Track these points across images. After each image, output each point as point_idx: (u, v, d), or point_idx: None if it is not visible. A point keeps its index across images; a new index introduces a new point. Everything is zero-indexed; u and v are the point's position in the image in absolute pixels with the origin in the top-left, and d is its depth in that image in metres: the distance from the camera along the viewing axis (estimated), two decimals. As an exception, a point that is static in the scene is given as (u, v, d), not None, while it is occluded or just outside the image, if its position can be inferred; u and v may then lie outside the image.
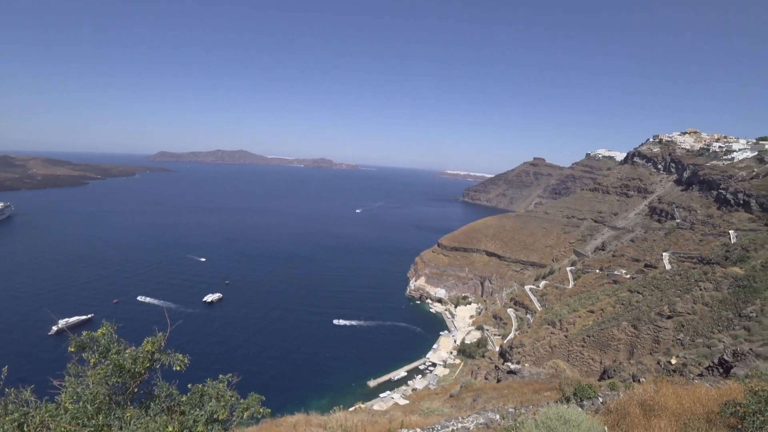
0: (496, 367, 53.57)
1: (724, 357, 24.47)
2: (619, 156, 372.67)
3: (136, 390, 8.26)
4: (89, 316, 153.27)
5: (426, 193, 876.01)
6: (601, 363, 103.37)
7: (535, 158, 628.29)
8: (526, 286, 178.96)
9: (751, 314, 78.73)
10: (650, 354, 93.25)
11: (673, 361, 48.58)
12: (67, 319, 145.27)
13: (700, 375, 25.08)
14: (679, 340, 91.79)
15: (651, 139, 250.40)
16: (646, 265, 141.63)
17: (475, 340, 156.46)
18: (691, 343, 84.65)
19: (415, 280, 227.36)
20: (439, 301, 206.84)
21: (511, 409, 15.92)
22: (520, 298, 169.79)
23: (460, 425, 14.54)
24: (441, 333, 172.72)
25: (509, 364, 50.84)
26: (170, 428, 7.54)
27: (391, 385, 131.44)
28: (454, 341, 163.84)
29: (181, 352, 9.05)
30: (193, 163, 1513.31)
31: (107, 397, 7.69)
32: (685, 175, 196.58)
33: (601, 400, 14.78)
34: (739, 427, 8.50)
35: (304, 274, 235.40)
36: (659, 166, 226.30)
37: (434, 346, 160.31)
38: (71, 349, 8.20)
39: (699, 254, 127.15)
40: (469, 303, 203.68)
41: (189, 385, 9.10)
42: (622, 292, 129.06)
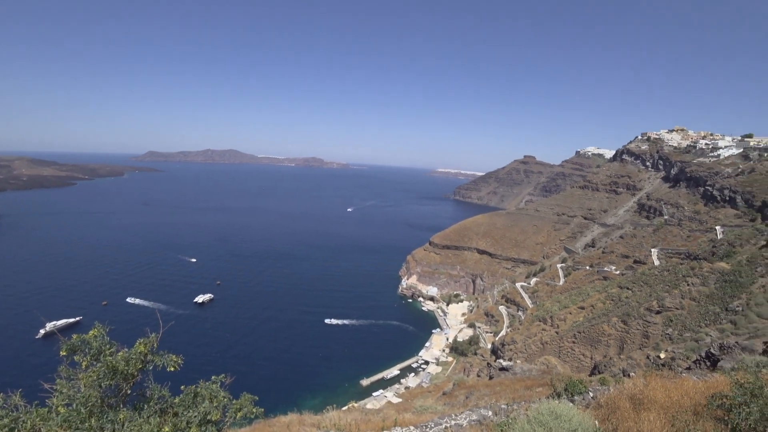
0: (488, 364, 53.97)
1: (711, 350, 24.92)
2: (609, 153, 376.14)
3: (128, 392, 8.20)
4: (78, 318, 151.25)
5: (417, 192, 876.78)
6: (591, 358, 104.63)
7: (525, 156, 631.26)
8: (517, 284, 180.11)
9: (737, 308, 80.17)
10: (640, 349, 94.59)
11: (662, 356, 49.34)
12: (54, 322, 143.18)
13: (688, 368, 25.53)
14: (668, 334, 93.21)
15: (639, 137, 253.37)
16: (636, 261, 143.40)
17: (468, 338, 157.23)
18: (679, 338, 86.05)
19: (407, 279, 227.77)
20: (431, 299, 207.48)
21: (503, 406, 16.05)
22: (512, 296, 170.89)
23: (453, 422, 14.64)
24: (433, 331, 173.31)
25: (501, 361, 51.23)
26: (164, 430, 7.50)
27: (384, 384, 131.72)
28: (447, 339, 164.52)
29: (174, 353, 9.00)
30: (183, 163, 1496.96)
31: (100, 400, 7.62)
32: (673, 172, 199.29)
33: (591, 395, 14.98)
34: (726, 418, 8.68)
35: (296, 273, 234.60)
36: (647, 164, 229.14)
37: (427, 344, 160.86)
38: (62, 353, 8.10)
39: (686, 250, 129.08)
40: (461, 301, 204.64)
41: (182, 387, 9.06)
42: (612, 288, 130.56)
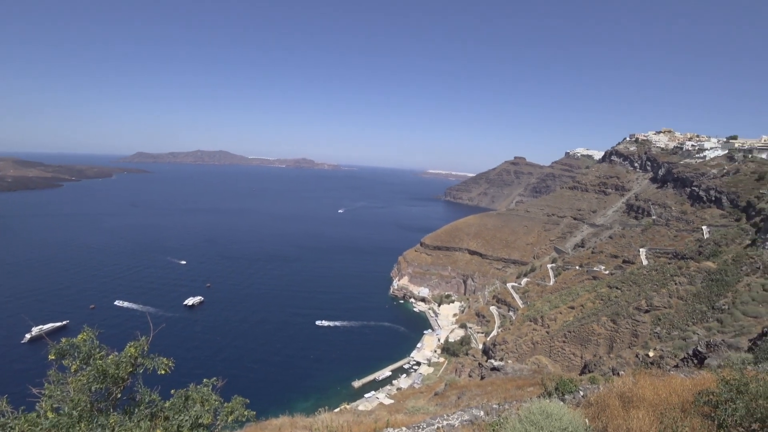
0: (479, 364, 54.17)
1: (698, 348, 25.30)
2: (598, 155, 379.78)
3: (119, 396, 8.08)
4: (64, 322, 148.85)
5: (408, 193, 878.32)
6: (581, 358, 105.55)
7: (515, 157, 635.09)
8: (508, 284, 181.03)
9: (723, 307, 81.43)
10: (629, 348, 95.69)
11: (651, 354, 49.94)
12: (41, 326, 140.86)
13: (676, 366, 25.88)
14: (656, 333, 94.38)
15: (627, 138, 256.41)
16: (624, 261, 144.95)
17: (459, 338, 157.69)
18: (667, 336, 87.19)
19: (399, 280, 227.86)
20: (423, 300, 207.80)
21: (495, 406, 16.12)
22: (503, 296, 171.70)
23: (445, 423, 14.66)
24: (425, 332, 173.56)
25: (492, 361, 51.47)
26: (156, 433, 7.42)
27: (376, 385, 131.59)
28: (438, 340, 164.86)
29: (165, 357, 8.90)
30: (172, 164, 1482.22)
31: (89, 404, 7.50)
32: (660, 173, 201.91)
33: (582, 393, 15.11)
34: (713, 415, 8.82)
35: (287, 275, 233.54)
36: (636, 165, 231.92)
37: (418, 345, 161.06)
38: (51, 356, 7.96)
39: (674, 250, 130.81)
40: (453, 301, 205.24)
41: (172, 391, 8.96)
42: (602, 287, 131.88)
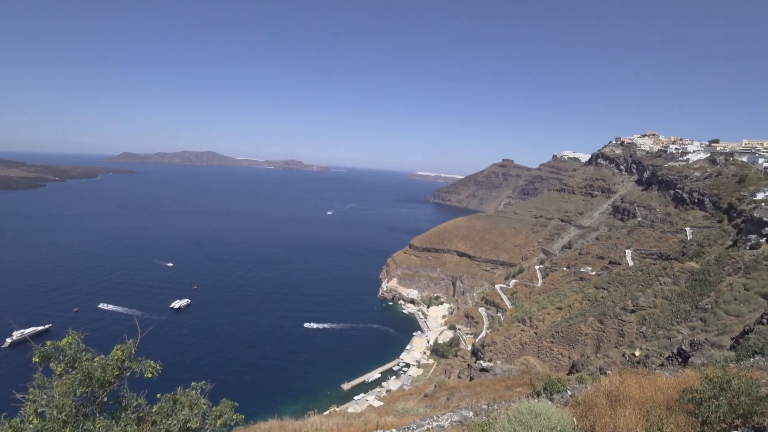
0: (468, 365, 54.44)
1: (683, 347, 25.74)
2: (584, 157, 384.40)
3: (105, 400, 7.94)
4: (47, 326, 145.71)
5: (397, 194, 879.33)
6: (569, 358, 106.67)
7: (504, 160, 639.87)
8: (496, 285, 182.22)
9: (706, 306, 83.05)
10: (615, 347, 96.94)
11: (637, 353, 50.69)
12: (22, 330, 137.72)
13: (662, 365, 26.29)
14: (642, 332, 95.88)
15: (613, 141, 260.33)
16: (611, 262, 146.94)
17: (448, 340, 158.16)
18: (653, 336, 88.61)
19: (388, 282, 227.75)
20: (412, 301, 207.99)
21: (484, 406, 16.20)
22: (491, 297, 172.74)
23: (435, 424, 14.68)
24: (414, 333, 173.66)
25: (482, 362, 51.71)
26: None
27: (366, 387, 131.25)
28: (427, 341, 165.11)
29: (152, 360, 8.78)
30: (159, 165, 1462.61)
31: (75, 409, 7.35)
32: (645, 175, 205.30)
33: (570, 393, 15.28)
34: (697, 412, 9.00)
35: (275, 277, 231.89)
36: (621, 167, 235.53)
37: (408, 347, 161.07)
38: (35, 359, 7.79)
39: (659, 251, 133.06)
40: (442, 303, 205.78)
41: (159, 395, 8.84)
42: (588, 288, 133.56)
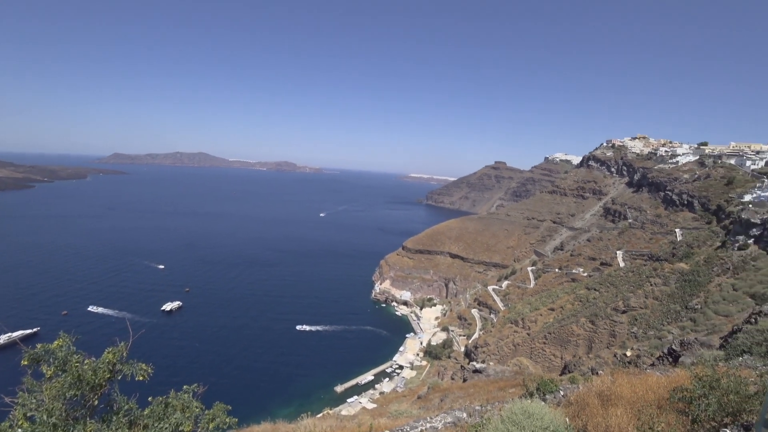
0: (462, 367, 54.55)
1: (673, 347, 26.02)
2: (576, 160, 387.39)
3: (96, 403, 7.83)
4: (35, 330, 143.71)
5: (390, 196, 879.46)
6: (562, 358, 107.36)
7: (496, 162, 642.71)
8: (489, 287, 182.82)
9: (696, 306, 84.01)
10: (607, 347, 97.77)
11: (628, 354, 51.15)
12: (9, 334, 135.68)
13: (652, 365, 26.55)
14: (633, 333, 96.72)
15: (604, 144, 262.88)
16: (602, 264, 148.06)
17: (441, 342, 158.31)
18: (643, 336, 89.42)
19: (380, 283, 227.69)
20: (405, 303, 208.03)
21: (477, 407, 16.26)
22: (484, 299, 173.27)
23: (428, 425, 14.70)
24: (407, 335, 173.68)
25: (475, 363, 51.85)
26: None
27: (359, 390, 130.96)
28: (421, 343, 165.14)
29: (143, 362, 8.69)
30: (150, 166, 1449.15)
31: (65, 412, 7.24)
32: (636, 177, 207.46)
33: (562, 393, 15.38)
34: (687, 410, 9.11)
35: (267, 279, 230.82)
36: (612, 169, 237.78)
37: (401, 349, 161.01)
38: (24, 362, 7.67)
39: (649, 252, 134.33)
40: (434, 305, 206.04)
41: (150, 398, 8.76)
42: (580, 289, 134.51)
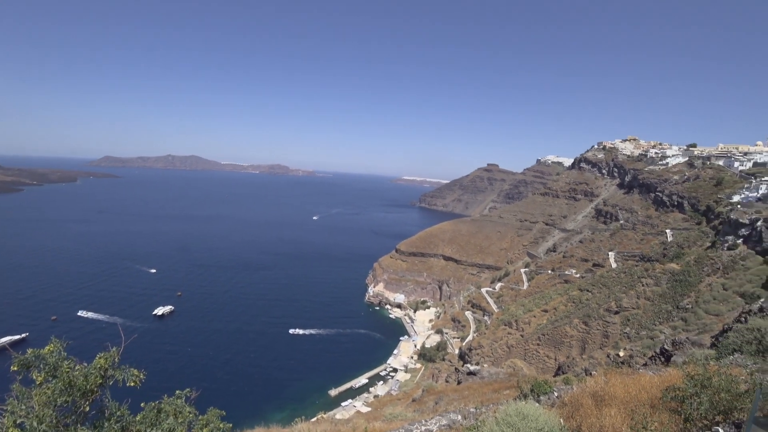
0: (456, 369, 54.57)
1: (665, 347, 26.24)
2: (567, 162, 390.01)
3: (87, 410, 7.69)
4: (23, 335, 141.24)
5: (383, 199, 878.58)
6: (555, 359, 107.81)
7: (488, 164, 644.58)
8: (482, 289, 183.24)
9: (687, 306, 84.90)
10: (600, 348, 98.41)
11: (621, 354, 51.46)
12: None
13: (645, 365, 26.73)
14: (626, 333, 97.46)
15: (596, 146, 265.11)
16: (594, 265, 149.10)
17: (435, 344, 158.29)
18: (636, 336, 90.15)
19: (374, 286, 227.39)
20: (399, 306, 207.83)
21: (472, 409, 16.26)
22: (478, 301, 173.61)
23: (423, 428, 14.67)
24: (401, 338, 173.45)
25: (469, 365, 51.92)
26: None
27: (353, 393, 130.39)
28: (415, 346, 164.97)
29: (135, 368, 8.55)
30: (142, 169, 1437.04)
31: (55, 419, 7.09)
32: (627, 179, 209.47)
33: (556, 394, 15.43)
34: (679, 409, 9.17)
35: (260, 283, 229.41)
36: (603, 171, 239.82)
37: (395, 352, 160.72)
38: (14, 368, 7.51)
39: (641, 252, 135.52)
40: (428, 307, 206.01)
41: (142, 404, 8.64)
42: (573, 290, 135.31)
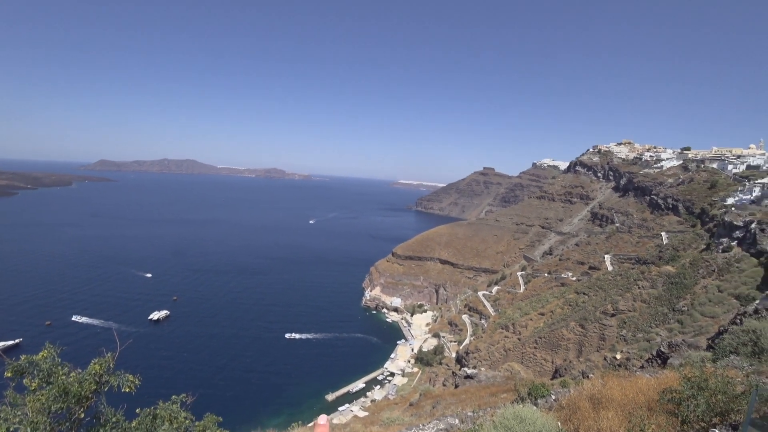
0: (453, 373, 54.45)
1: (662, 349, 26.30)
2: (563, 165, 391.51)
3: (81, 417, 7.59)
4: (17, 341, 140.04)
5: (380, 203, 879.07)
6: (552, 363, 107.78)
7: (485, 168, 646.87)
8: (479, 292, 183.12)
9: (683, 308, 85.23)
10: (597, 351, 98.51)
11: (618, 356, 51.55)
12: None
13: (642, 367, 26.77)
14: (623, 336, 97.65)
15: (591, 149, 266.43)
16: (590, 268, 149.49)
17: (432, 348, 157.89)
18: (633, 338, 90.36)
19: (371, 290, 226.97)
20: (395, 310, 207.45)
21: (469, 413, 16.21)
22: (474, 304, 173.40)
23: (420, 432, 14.59)
24: (398, 342, 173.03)
25: (466, 369, 51.83)
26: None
27: (350, 398, 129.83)
28: (412, 350, 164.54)
29: (131, 374, 8.47)
30: (138, 173, 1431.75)
31: (49, 426, 6.99)
32: (622, 182, 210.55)
33: (554, 397, 15.42)
34: (676, 411, 9.18)
35: (257, 287, 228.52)
36: (599, 175, 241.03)
37: (392, 356, 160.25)
38: (7, 375, 7.42)
39: (636, 255, 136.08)
40: (425, 311, 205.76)
41: (138, 410, 8.57)
42: (570, 293, 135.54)
